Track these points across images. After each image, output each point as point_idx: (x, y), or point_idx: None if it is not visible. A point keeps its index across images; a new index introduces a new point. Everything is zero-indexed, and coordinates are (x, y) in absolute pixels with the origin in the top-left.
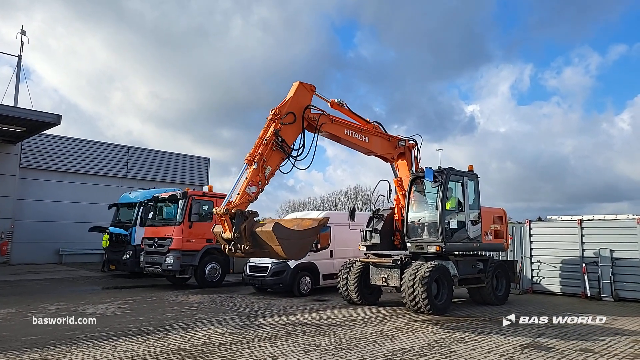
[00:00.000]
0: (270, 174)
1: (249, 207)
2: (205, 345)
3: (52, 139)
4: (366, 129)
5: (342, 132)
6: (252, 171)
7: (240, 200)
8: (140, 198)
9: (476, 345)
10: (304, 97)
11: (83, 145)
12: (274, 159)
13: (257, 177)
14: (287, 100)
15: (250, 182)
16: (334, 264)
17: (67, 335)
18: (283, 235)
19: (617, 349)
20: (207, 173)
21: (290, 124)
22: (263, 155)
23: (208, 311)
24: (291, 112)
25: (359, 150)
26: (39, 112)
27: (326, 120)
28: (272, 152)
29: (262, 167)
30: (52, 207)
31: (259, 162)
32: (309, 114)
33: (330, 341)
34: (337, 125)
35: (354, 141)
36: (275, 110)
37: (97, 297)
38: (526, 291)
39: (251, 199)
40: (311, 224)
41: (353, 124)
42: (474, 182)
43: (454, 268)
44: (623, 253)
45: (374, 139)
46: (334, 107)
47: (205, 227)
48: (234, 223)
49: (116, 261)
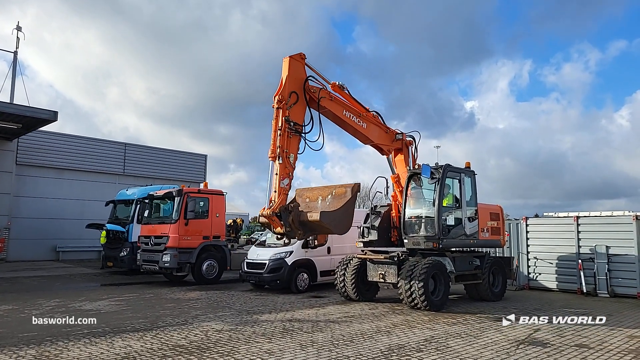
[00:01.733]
0: (294, 159)
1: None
2: (203, 342)
3: (48, 136)
4: (365, 115)
5: (340, 111)
6: (280, 166)
7: (280, 198)
8: (137, 195)
9: (472, 341)
10: (298, 70)
11: (80, 142)
12: (293, 145)
13: (285, 170)
14: (284, 80)
15: (281, 177)
16: (331, 260)
17: (64, 332)
18: (329, 219)
19: (612, 344)
20: (204, 170)
21: (295, 104)
22: (284, 147)
23: (205, 308)
24: (293, 92)
25: (356, 135)
26: (35, 109)
27: (326, 95)
28: (289, 139)
29: (287, 158)
30: (49, 204)
31: (283, 155)
32: (309, 86)
33: (327, 337)
34: (336, 104)
35: (352, 124)
36: (278, 97)
37: (94, 294)
38: (522, 287)
39: (287, 192)
40: (345, 193)
41: (352, 106)
42: (471, 179)
43: (451, 264)
44: (619, 249)
45: (372, 126)
46: (334, 89)
47: (201, 224)
48: (282, 219)
49: (113, 258)
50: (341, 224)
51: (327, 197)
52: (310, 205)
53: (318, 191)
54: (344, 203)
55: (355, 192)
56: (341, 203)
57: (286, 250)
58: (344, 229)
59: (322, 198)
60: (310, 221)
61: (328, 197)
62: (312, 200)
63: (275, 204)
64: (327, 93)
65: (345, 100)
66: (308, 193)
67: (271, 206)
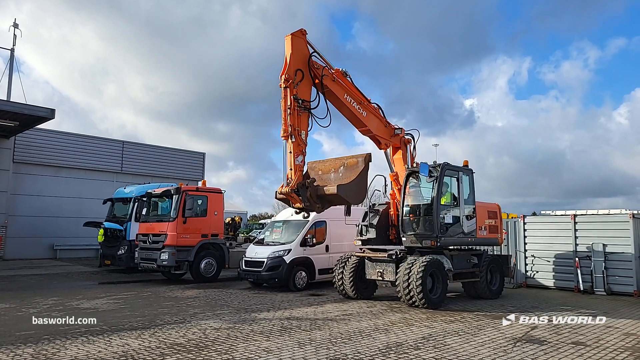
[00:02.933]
0: (306, 135)
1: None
2: (201, 340)
3: (46, 133)
4: (365, 104)
5: (342, 94)
6: (293, 144)
7: (296, 175)
8: (135, 193)
9: (470, 338)
10: (301, 46)
11: (78, 139)
12: (303, 122)
13: (299, 147)
14: (289, 58)
15: (296, 154)
16: (330, 258)
17: (62, 330)
18: (346, 191)
19: (608, 341)
20: (202, 168)
21: (301, 81)
22: (295, 125)
23: (203, 306)
24: (298, 69)
25: (355, 122)
26: (33, 107)
27: (328, 74)
28: (299, 117)
29: (298, 136)
30: (46, 202)
31: (295, 133)
32: (313, 62)
33: (325, 335)
34: (338, 85)
35: (352, 109)
36: (285, 76)
37: (91, 292)
38: (520, 285)
39: (302, 168)
40: (358, 163)
41: (354, 92)
42: (469, 177)
43: (449, 262)
44: (616, 247)
45: (371, 116)
46: (338, 75)
47: (200, 222)
48: (300, 195)
49: (111, 256)
50: (357, 195)
51: (339, 169)
52: (323, 177)
53: (330, 163)
54: (358, 173)
55: (367, 161)
56: (355, 174)
57: (284, 249)
58: (359, 199)
59: (335, 170)
60: (327, 194)
61: (340, 169)
62: (325, 172)
63: (292, 181)
64: (330, 73)
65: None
66: (320, 166)
67: (289, 183)
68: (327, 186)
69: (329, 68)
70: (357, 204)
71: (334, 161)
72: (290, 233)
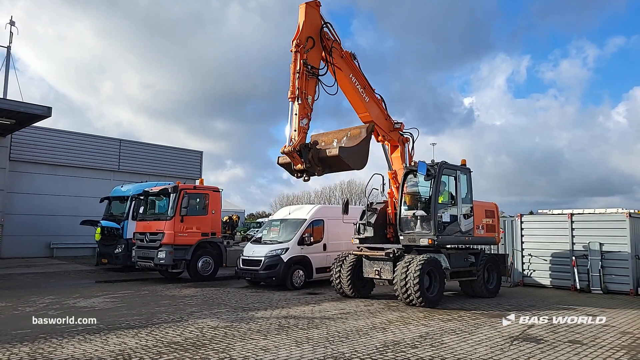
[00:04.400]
0: (312, 100)
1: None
2: (198, 339)
3: (42, 132)
4: (369, 89)
5: (348, 73)
6: (299, 106)
7: (300, 136)
8: (132, 191)
9: (467, 337)
10: (314, 16)
11: (74, 138)
12: (310, 87)
13: (304, 110)
14: (301, 25)
15: (301, 117)
16: (327, 257)
17: (58, 328)
18: (347, 154)
19: (604, 340)
20: (200, 166)
21: (312, 49)
22: (302, 88)
23: (201, 305)
24: (310, 37)
25: (357, 107)
26: (29, 105)
27: (338, 47)
28: (307, 81)
29: (305, 99)
30: (43, 200)
31: (301, 97)
32: (325, 33)
33: (323, 334)
34: (344, 63)
35: (356, 91)
36: (296, 41)
37: (88, 291)
38: (517, 284)
39: (306, 130)
40: (361, 133)
41: (359, 75)
42: (466, 176)
43: (446, 261)
44: (612, 246)
45: (373, 104)
46: (346, 55)
47: (197, 221)
48: (302, 156)
49: (108, 255)
50: (358, 159)
51: (342, 139)
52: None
53: (333, 134)
54: (361, 140)
55: (370, 131)
56: (358, 141)
57: (282, 247)
58: (361, 164)
59: (338, 140)
60: (329, 157)
61: (343, 139)
62: (328, 143)
63: (295, 142)
64: (340, 48)
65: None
66: (323, 137)
67: (292, 144)
68: (330, 149)
69: (339, 44)
70: (357, 169)
71: (337, 132)
72: (287, 232)
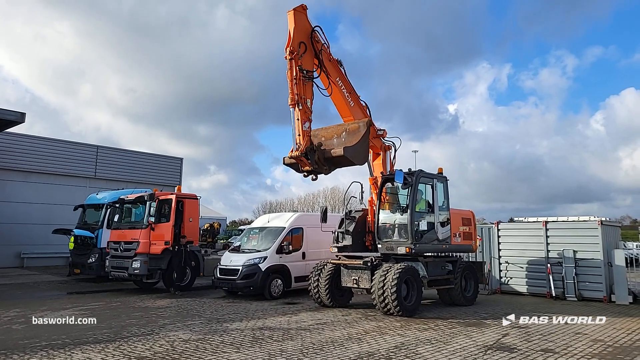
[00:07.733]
0: (311, 103)
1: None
2: (167, 353)
3: (14, 137)
4: (355, 95)
5: (335, 77)
6: (300, 111)
7: (304, 140)
8: (108, 199)
9: (441, 347)
10: (302, 21)
11: (49, 144)
12: (308, 91)
13: (305, 114)
14: (292, 32)
15: (303, 121)
16: (306, 266)
17: (21, 344)
18: (351, 152)
19: (576, 348)
20: (180, 173)
21: (305, 53)
22: (301, 93)
23: (174, 316)
24: (301, 42)
25: (342, 111)
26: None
27: (326, 50)
28: (305, 86)
29: (305, 104)
30: (13, 209)
31: (301, 102)
32: (316, 35)
33: (297, 345)
34: (332, 67)
35: (342, 95)
36: (290, 48)
37: (57, 303)
38: (494, 292)
39: (309, 133)
40: (359, 128)
41: (345, 81)
42: (443, 185)
43: (424, 269)
44: (585, 254)
45: (358, 109)
46: (332, 60)
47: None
48: (309, 158)
49: (81, 265)
50: (361, 156)
51: (341, 134)
52: (326, 143)
53: (332, 130)
54: (361, 136)
55: (368, 125)
56: (357, 137)
57: (260, 256)
58: (364, 160)
59: (337, 135)
60: (334, 156)
61: (343, 134)
62: (328, 138)
63: (302, 146)
64: (328, 52)
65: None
66: (322, 132)
67: (298, 148)
68: (334, 149)
69: (328, 47)
70: (361, 164)
71: (336, 127)
72: (266, 240)
